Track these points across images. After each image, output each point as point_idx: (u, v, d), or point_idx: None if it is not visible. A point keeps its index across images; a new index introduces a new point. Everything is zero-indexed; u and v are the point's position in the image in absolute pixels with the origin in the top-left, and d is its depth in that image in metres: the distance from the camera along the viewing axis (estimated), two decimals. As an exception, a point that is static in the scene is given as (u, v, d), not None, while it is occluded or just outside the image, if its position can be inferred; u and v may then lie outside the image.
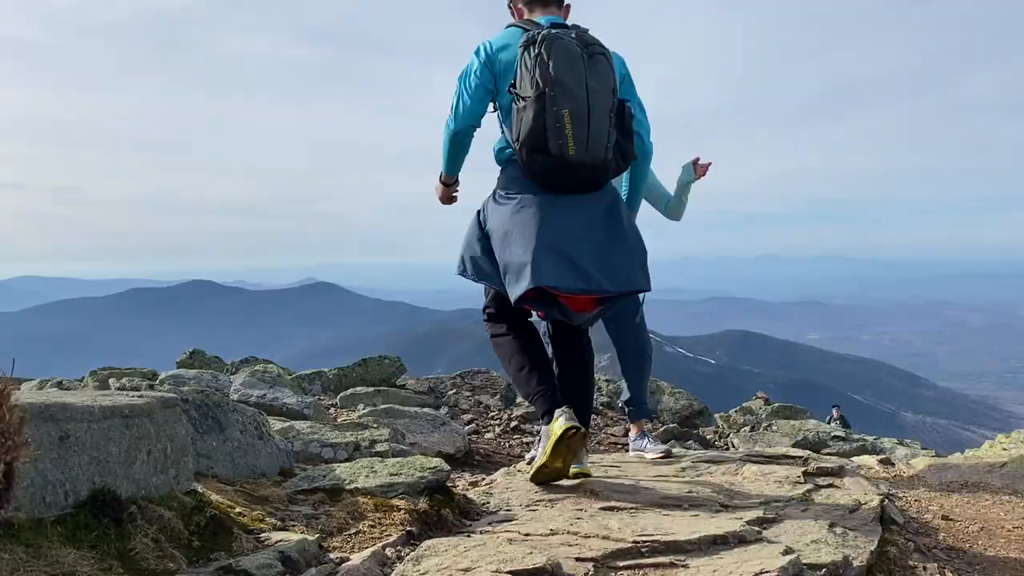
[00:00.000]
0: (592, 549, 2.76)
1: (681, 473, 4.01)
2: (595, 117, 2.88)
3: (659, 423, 6.83)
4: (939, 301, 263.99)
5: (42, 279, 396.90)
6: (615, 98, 2.96)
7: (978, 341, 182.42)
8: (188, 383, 6.18)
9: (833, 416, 15.91)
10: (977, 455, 5.36)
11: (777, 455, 4.47)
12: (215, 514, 2.62)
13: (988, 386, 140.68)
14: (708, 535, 2.84)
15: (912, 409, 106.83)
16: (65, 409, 2.34)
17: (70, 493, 2.30)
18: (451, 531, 3.13)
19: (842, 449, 6.31)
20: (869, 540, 3.10)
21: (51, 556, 2.08)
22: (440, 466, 3.49)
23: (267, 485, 3.38)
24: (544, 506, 3.49)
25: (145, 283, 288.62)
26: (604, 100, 2.92)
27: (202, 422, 3.53)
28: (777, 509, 3.39)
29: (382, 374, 7.93)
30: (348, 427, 4.86)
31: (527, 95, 2.91)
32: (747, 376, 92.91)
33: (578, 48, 2.93)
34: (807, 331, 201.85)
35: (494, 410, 6.81)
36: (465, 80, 3.17)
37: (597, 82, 2.90)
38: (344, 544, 2.80)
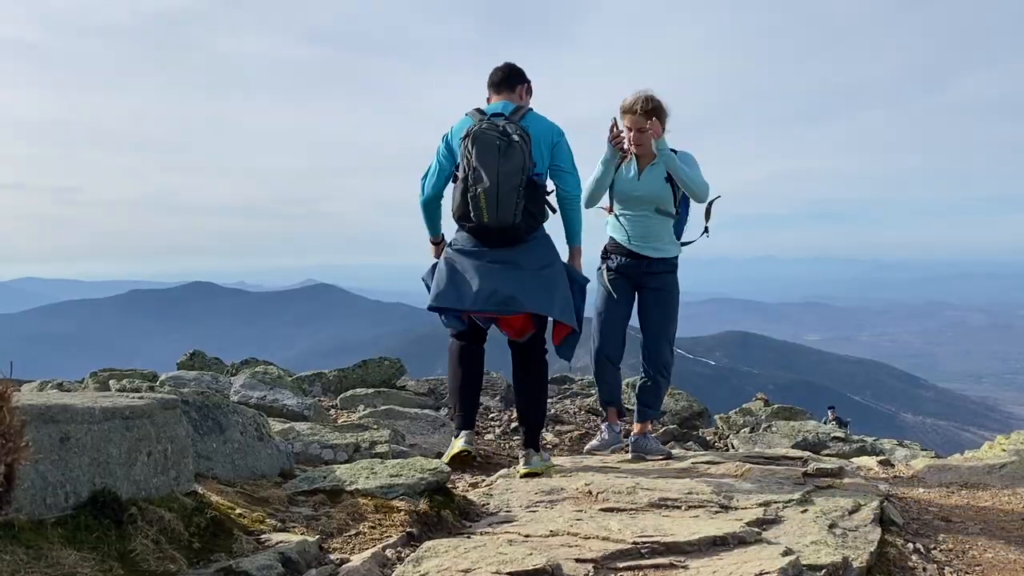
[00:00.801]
0: (592, 550, 2.76)
1: (681, 474, 4.02)
2: (503, 194, 3.82)
3: (659, 424, 6.84)
4: (939, 302, 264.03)
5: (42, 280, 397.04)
6: (524, 175, 3.84)
7: (978, 342, 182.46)
8: (188, 384, 6.18)
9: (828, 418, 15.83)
10: (977, 456, 5.37)
11: (777, 456, 4.47)
12: (215, 515, 2.62)
13: (988, 387, 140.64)
14: (708, 536, 2.85)
15: (912, 410, 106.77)
16: (66, 411, 2.34)
17: (71, 495, 2.30)
18: (451, 532, 3.14)
19: (842, 450, 6.31)
20: (869, 541, 3.10)
21: (52, 557, 2.09)
22: (440, 467, 3.50)
23: (267, 486, 3.38)
24: (544, 507, 3.50)
25: (145, 284, 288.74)
26: (513, 179, 3.82)
27: (202, 423, 3.53)
28: (777, 510, 3.39)
29: (382, 375, 7.92)
30: (348, 428, 4.86)
31: (459, 177, 3.94)
32: (747, 377, 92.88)
33: (497, 140, 3.84)
34: (807, 332, 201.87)
35: (494, 411, 6.80)
36: (435, 159, 4.18)
37: (508, 167, 3.81)
38: (344, 545, 2.81)
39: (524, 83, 4.23)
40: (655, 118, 4.25)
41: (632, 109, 4.28)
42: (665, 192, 4.35)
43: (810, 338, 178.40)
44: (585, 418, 6.76)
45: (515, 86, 4.21)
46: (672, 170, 4.26)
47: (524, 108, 4.14)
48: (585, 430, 6.36)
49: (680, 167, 4.25)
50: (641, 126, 4.26)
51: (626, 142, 4.34)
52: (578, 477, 3.94)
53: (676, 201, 4.40)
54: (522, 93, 4.22)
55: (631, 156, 4.41)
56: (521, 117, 4.05)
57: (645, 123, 4.24)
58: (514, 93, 4.21)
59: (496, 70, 4.23)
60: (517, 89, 4.21)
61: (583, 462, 4.44)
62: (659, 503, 3.47)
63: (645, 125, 4.24)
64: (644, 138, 4.28)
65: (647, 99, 4.28)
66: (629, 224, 4.45)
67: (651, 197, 4.37)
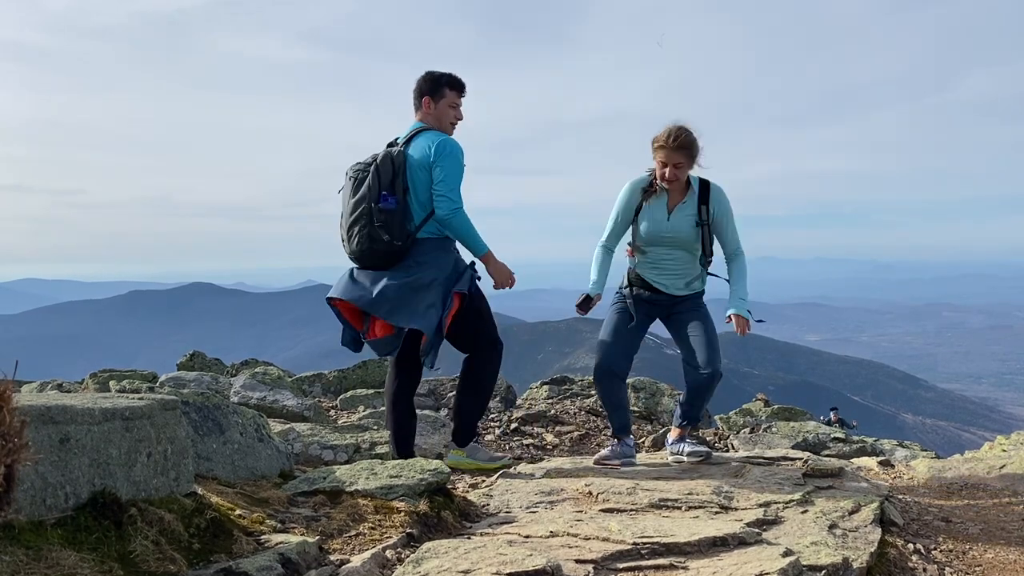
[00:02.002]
0: (592, 551, 2.76)
1: (681, 475, 4.02)
2: (349, 225, 4.08)
3: (659, 424, 6.84)
4: (938, 303, 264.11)
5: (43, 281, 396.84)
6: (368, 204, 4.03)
7: (977, 343, 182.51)
8: (188, 385, 6.18)
9: (831, 420, 15.65)
10: (977, 457, 5.36)
11: (777, 457, 4.47)
12: (215, 516, 2.62)
13: (987, 388, 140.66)
14: (708, 537, 2.85)
15: (912, 411, 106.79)
16: (65, 411, 2.34)
17: (70, 495, 2.30)
18: (451, 533, 3.14)
19: (842, 451, 6.31)
20: (869, 542, 3.10)
21: (51, 558, 2.09)
22: (440, 468, 3.49)
23: (267, 487, 3.38)
24: (544, 508, 3.50)
25: (145, 285, 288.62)
26: (357, 209, 4.04)
27: (202, 424, 3.53)
28: (777, 511, 3.39)
29: (382, 376, 7.93)
30: (348, 429, 4.86)
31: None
32: (747, 378, 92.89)
33: (352, 174, 4.13)
34: (806, 333, 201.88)
35: (494, 412, 6.81)
36: None
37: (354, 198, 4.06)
38: (344, 546, 2.81)
39: (425, 96, 4.23)
40: (687, 151, 4.10)
41: (665, 144, 4.10)
42: (695, 235, 4.21)
43: (810, 339, 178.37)
44: (585, 418, 6.76)
45: (419, 103, 4.26)
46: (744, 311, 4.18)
47: (417, 129, 4.21)
48: (585, 431, 6.35)
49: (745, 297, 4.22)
50: (676, 161, 4.09)
51: (658, 177, 4.17)
52: (578, 478, 3.93)
53: (705, 245, 4.26)
54: (427, 107, 4.24)
55: (659, 192, 4.23)
56: (408, 140, 4.19)
57: (678, 157, 4.09)
58: (419, 111, 4.27)
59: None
60: (421, 105, 4.26)
61: (583, 463, 4.44)
62: (659, 504, 3.47)
63: (678, 159, 4.09)
64: (679, 173, 4.13)
65: (678, 131, 4.09)
66: (656, 264, 4.31)
67: (681, 240, 4.23)
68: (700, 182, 4.24)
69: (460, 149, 4.15)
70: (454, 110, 4.26)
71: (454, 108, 4.26)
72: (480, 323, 4.27)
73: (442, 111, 4.23)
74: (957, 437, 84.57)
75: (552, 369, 20.66)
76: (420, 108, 4.26)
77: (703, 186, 4.23)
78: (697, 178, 4.25)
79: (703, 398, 4.33)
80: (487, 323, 4.32)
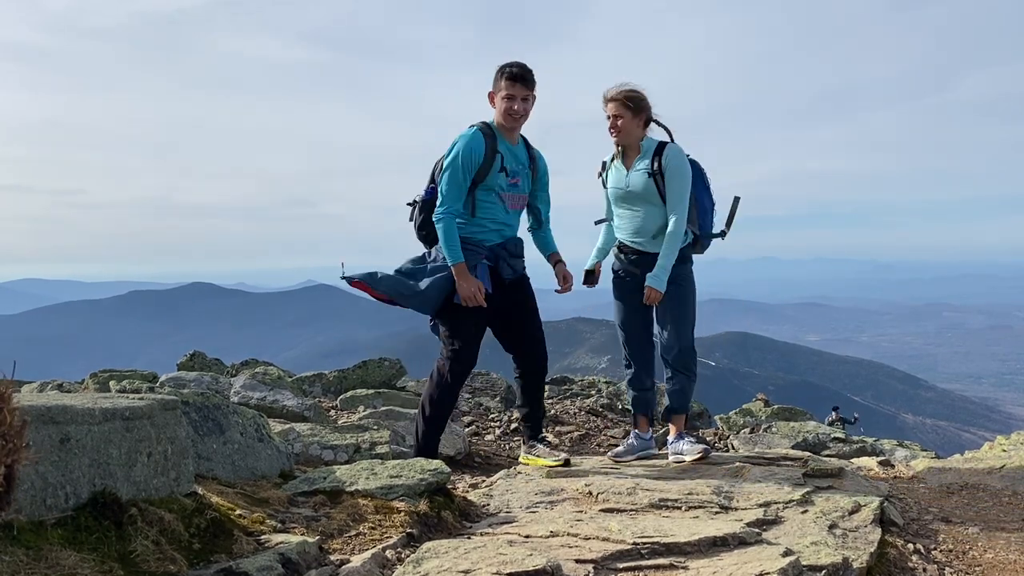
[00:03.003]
0: (592, 551, 2.76)
1: (681, 475, 4.01)
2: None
3: (659, 425, 6.84)
4: (938, 303, 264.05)
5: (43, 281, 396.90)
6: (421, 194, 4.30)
7: (977, 343, 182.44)
8: (188, 385, 6.18)
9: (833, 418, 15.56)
10: (977, 457, 5.37)
11: (777, 457, 4.47)
12: (215, 516, 2.62)
13: (987, 388, 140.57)
14: (708, 537, 2.85)
15: (912, 411, 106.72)
16: (66, 411, 2.34)
17: (71, 495, 2.30)
18: (451, 533, 3.14)
19: (842, 451, 6.31)
20: (869, 542, 3.10)
21: (51, 558, 2.09)
22: (440, 468, 3.49)
23: (267, 487, 3.38)
24: (544, 508, 3.50)
25: (145, 285, 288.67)
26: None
27: (202, 424, 3.53)
28: (777, 511, 3.39)
29: (382, 376, 7.93)
30: (348, 429, 4.86)
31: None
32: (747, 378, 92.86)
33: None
34: (807, 333, 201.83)
35: (494, 412, 6.81)
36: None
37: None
38: (344, 546, 2.81)
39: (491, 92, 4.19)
40: (623, 103, 4.22)
41: (606, 96, 4.27)
42: (650, 185, 4.26)
43: (810, 339, 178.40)
44: (585, 418, 6.76)
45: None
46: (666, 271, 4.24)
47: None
48: (585, 431, 6.36)
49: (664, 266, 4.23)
50: (615, 112, 4.24)
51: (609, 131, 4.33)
52: (578, 478, 3.93)
53: (662, 194, 4.28)
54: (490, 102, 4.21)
55: (618, 153, 4.38)
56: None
57: (616, 108, 4.23)
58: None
59: None
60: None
61: (583, 463, 4.44)
62: (659, 504, 3.47)
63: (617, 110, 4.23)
64: (619, 124, 4.25)
65: (619, 85, 4.27)
66: (626, 222, 4.40)
67: (638, 193, 4.30)
68: (659, 143, 4.32)
69: (465, 144, 4.04)
70: (507, 102, 4.09)
71: (507, 100, 4.09)
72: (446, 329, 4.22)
73: (497, 104, 4.15)
74: (957, 437, 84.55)
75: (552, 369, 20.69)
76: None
77: (660, 145, 4.31)
78: (658, 140, 4.34)
79: (680, 379, 4.37)
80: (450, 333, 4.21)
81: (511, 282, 4.23)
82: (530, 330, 4.32)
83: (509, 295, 4.23)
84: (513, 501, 3.60)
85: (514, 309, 4.27)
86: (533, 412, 4.41)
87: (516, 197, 4.24)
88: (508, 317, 4.27)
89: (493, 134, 4.13)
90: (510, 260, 4.21)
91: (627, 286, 4.40)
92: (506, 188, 4.17)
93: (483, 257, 4.15)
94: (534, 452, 4.36)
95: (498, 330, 4.33)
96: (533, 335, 4.32)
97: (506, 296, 4.21)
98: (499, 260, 4.18)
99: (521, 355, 4.33)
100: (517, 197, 4.25)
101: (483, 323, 4.21)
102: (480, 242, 4.15)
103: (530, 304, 4.34)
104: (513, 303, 4.26)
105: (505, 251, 4.21)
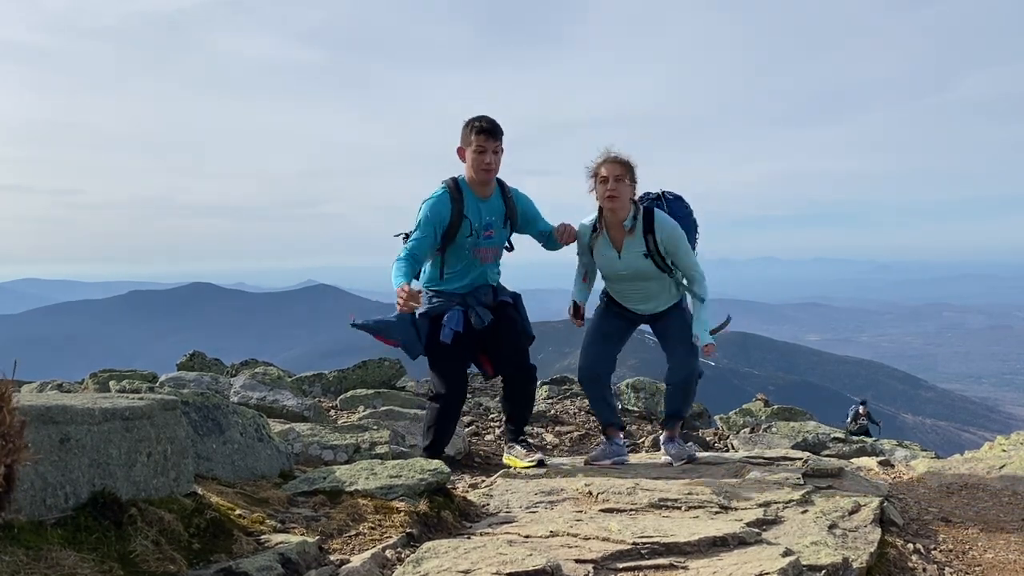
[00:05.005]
0: (592, 551, 2.76)
1: (681, 475, 4.02)
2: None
3: (659, 425, 6.85)
4: (938, 303, 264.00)
5: (42, 281, 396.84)
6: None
7: (977, 343, 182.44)
8: (188, 385, 6.18)
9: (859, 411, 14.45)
10: (976, 457, 5.36)
11: (777, 457, 4.47)
12: (215, 516, 2.62)
13: (987, 388, 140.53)
14: (708, 537, 2.85)
15: (912, 411, 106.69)
16: (65, 412, 2.34)
17: (70, 495, 2.30)
18: (451, 533, 3.14)
19: (842, 451, 6.31)
20: (869, 542, 3.10)
21: (51, 558, 2.09)
22: (440, 468, 3.49)
23: (267, 487, 3.38)
24: (544, 508, 3.50)
25: (145, 285, 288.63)
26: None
27: (202, 424, 3.53)
28: (777, 511, 3.39)
29: (382, 376, 7.93)
30: (348, 429, 4.86)
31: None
32: (747, 378, 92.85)
33: None
34: (807, 333, 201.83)
35: (494, 412, 6.80)
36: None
37: None
38: (344, 546, 2.81)
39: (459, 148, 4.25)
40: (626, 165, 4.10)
41: (606, 157, 4.12)
42: (649, 267, 4.20)
43: (810, 339, 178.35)
44: (585, 418, 6.76)
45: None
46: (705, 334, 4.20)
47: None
48: (585, 431, 6.36)
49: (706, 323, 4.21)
50: (616, 173, 4.07)
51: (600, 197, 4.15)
52: (578, 477, 3.93)
53: (664, 267, 4.22)
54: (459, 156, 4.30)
55: (602, 233, 4.25)
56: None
57: (619, 169, 4.08)
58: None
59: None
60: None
61: (582, 463, 4.44)
62: (659, 504, 3.47)
63: (619, 171, 4.07)
64: (620, 188, 4.08)
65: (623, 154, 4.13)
66: (623, 294, 4.39)
67: (637, 275, 4.25)
68: (644, 212, 4.17)
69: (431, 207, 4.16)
70: (479, 156, 4.14)
71: (479, 154, 4.13)
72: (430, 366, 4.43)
73: (468, 159, 4.20)
74: (957, 437, 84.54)
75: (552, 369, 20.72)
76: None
77: (646, 216, 4.16)
78: (641, 207, 4.19)
79: (681, 395, 4.40)
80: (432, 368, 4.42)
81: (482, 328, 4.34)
82: (508, 337, 4.42)
83: (481, 338, 4.38)
84: (513, 501, 3.60)
85: (490, 337, 4.39)
86: (515, 412, 4.59)
87: (489, 250, 4.37)
88: (488, 350, 4.45)
89: (460, 194, 4.21)
90: (478, 308, 4.32)
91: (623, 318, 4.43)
92: (480, 242, 4.30)
93: (456, 303, 4.33)
94: (512, 452, 4.51)
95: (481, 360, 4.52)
96: (511, 341, 4.43)
97: (478, 338, 4.37)
98: (469, 308, 4.33)
99: (502, 363, 4.46)
100: (490, 250, 4.37)
101: (463, 361, 4.46)
102: (452, 292, 4.35)
103: (510, 324, 4.44)
104: (490, 333, 4.37)
105: (474, 299, 4.35)
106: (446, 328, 4.23)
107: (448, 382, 4.36)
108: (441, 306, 4.32)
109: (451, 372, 4.38)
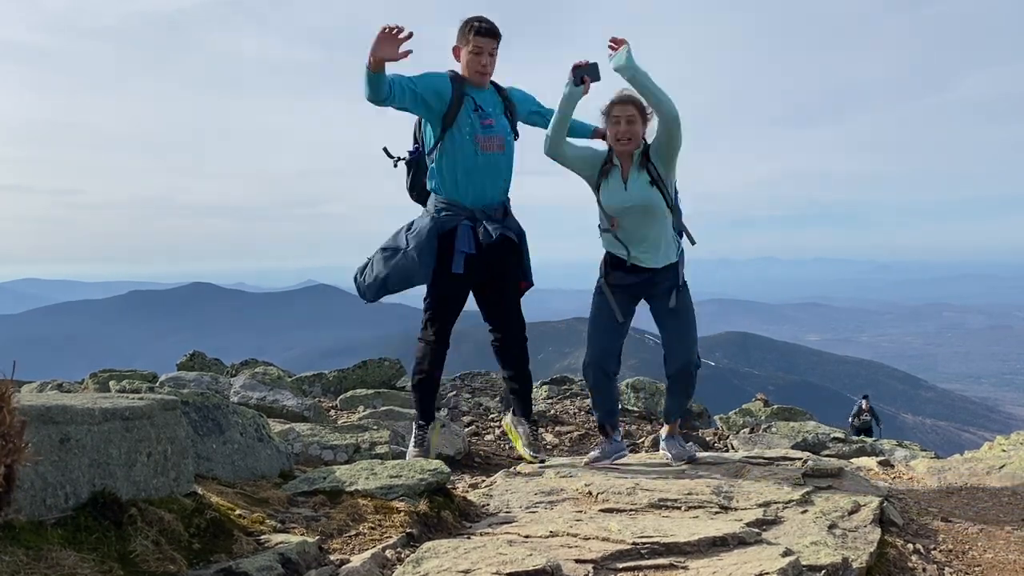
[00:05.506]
0: (592, 551, 2.76)
1: (681, 475, 4.02)
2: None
3: (659, 424, 6.84)
4: (938, 303, 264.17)
5: (42, 281, 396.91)
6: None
7: (977, 343, 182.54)
8: (188, 385, 6.18)
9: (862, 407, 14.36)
10: (976, 457, 5.36)
11: (777, 457, 4.47)
12: (215, 516, 2.63)
13: (987, 388, 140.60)
14: (708, 537, 2.85)
15: (912, 411, 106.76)
16: (65, 411, 2.34)
17: (70, 495, 2.30)
18: (451, 533, 3.14)
19: (841, 451, 6.31)
20: (868, 542, 3.10)
21: (51, 558, 2.09)
22: (440, 468, 3.49)
23: (267, 487, 3.38)
24: (544, 508, 3.50)
25: (145, 285, 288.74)
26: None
27: (202, 424, 3.53)
28: (777, 511, 3.39)
29: (382, 376, 7.93)
30: (348, 429, 4.86)
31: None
32: (747, 378, 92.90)
33: None
34: (807, 333, 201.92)
35: (494, 412, 6.80)
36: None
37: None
38: (344, 546, 2.81)
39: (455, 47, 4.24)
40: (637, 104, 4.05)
41: (618, 98, 4.09)
42: (654, 196, 4.12)
43: (810, 339, 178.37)
44: (585, 419, 6.76)
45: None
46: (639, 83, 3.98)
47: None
48: (585, 431, 6.36)
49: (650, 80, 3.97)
50: (628, 113, 4.03)
51: (611, 137, 4.11)
52: (578, 477, 3.93)
53: (668, 200, 4.15)
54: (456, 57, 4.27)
55: (613, 166, 4.19)
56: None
57: (631, 109, 4.03)
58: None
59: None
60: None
61: (582, 463, 4.44)
62: (659, 504, 3.47)
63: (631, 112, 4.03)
64: (633, 131, 4.06)
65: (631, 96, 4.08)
66: (625, 236, 4.21)
67: (642, 205, 4.13)
68: (645, 145, 4.16)
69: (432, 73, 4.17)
70: (475, 56, 4.14)
71: (475, 54, 4.14)
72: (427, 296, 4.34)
73: (463, 58, 4.19)
74: (957, 437, 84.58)
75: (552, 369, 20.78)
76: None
77: (644, 149, 4.15)
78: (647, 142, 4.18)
79: (681, 388, 4.33)
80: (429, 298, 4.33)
81: (490, 246, 4.20)
82: (505, 303, 4.39)
83: (488, 262, 4.24)
84: (513, 501, 3.60)
85: (491, 282, 4.33)
86: (519, 376, 4.49)
87: (491, 139, 4.21)
88: (485, 289, 4.36)
89: (461, 80, 4.18)
90: (488, 224, 4.19)
91: (622, 302, 4.30)
92: (480, 130, 4.16)
93: (464, 218, 4.18)
94: (519, 428, 4.48)
95: (478, 298, 4.44)
96: (508, 308, 4.40)
97: (486, 262, 4.23)
98: (477, 222, 4.19)
99: (495, 327, 4.44)
100: (492, 139, 4.21)
101: (463, 294, 4.34)
102: (458, 202, 4.20)
103: (510, 273, 4.38)
104: (492, 273, 4.30)
105: (484, 214, 4.22)
106: (458, 254, 4.12)
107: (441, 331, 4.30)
108: (449, 220, 4.17)
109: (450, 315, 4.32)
